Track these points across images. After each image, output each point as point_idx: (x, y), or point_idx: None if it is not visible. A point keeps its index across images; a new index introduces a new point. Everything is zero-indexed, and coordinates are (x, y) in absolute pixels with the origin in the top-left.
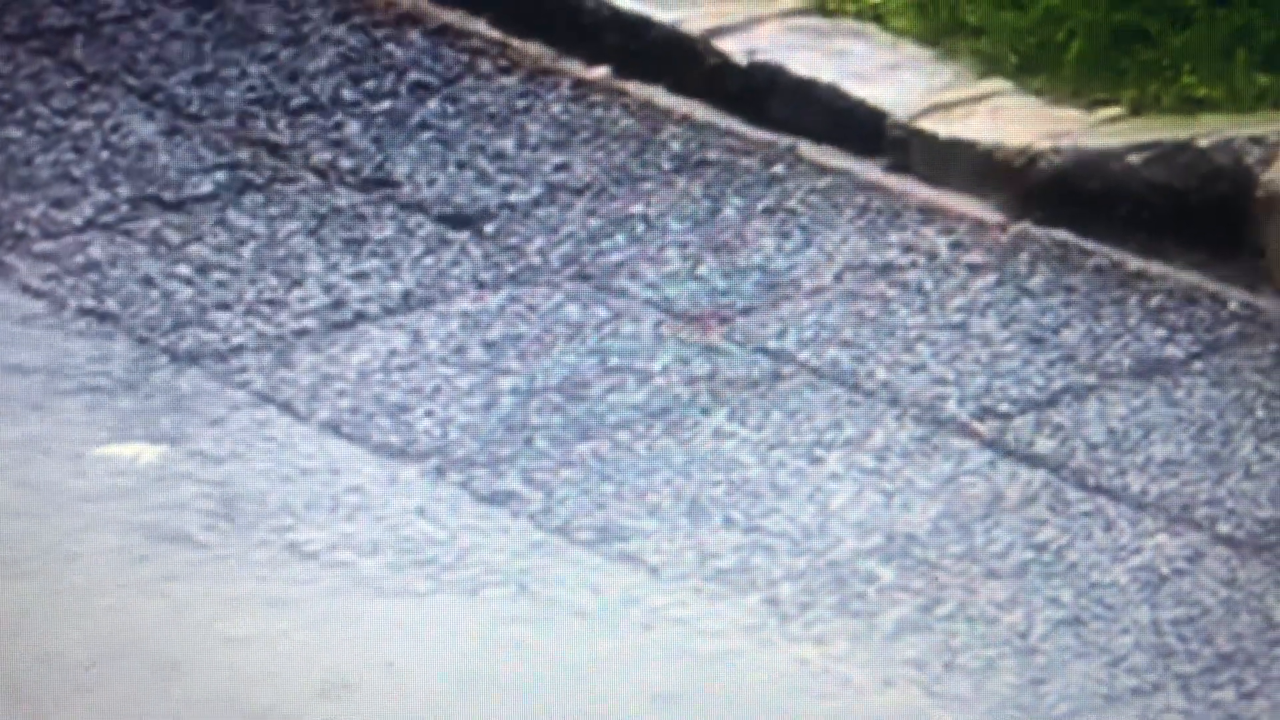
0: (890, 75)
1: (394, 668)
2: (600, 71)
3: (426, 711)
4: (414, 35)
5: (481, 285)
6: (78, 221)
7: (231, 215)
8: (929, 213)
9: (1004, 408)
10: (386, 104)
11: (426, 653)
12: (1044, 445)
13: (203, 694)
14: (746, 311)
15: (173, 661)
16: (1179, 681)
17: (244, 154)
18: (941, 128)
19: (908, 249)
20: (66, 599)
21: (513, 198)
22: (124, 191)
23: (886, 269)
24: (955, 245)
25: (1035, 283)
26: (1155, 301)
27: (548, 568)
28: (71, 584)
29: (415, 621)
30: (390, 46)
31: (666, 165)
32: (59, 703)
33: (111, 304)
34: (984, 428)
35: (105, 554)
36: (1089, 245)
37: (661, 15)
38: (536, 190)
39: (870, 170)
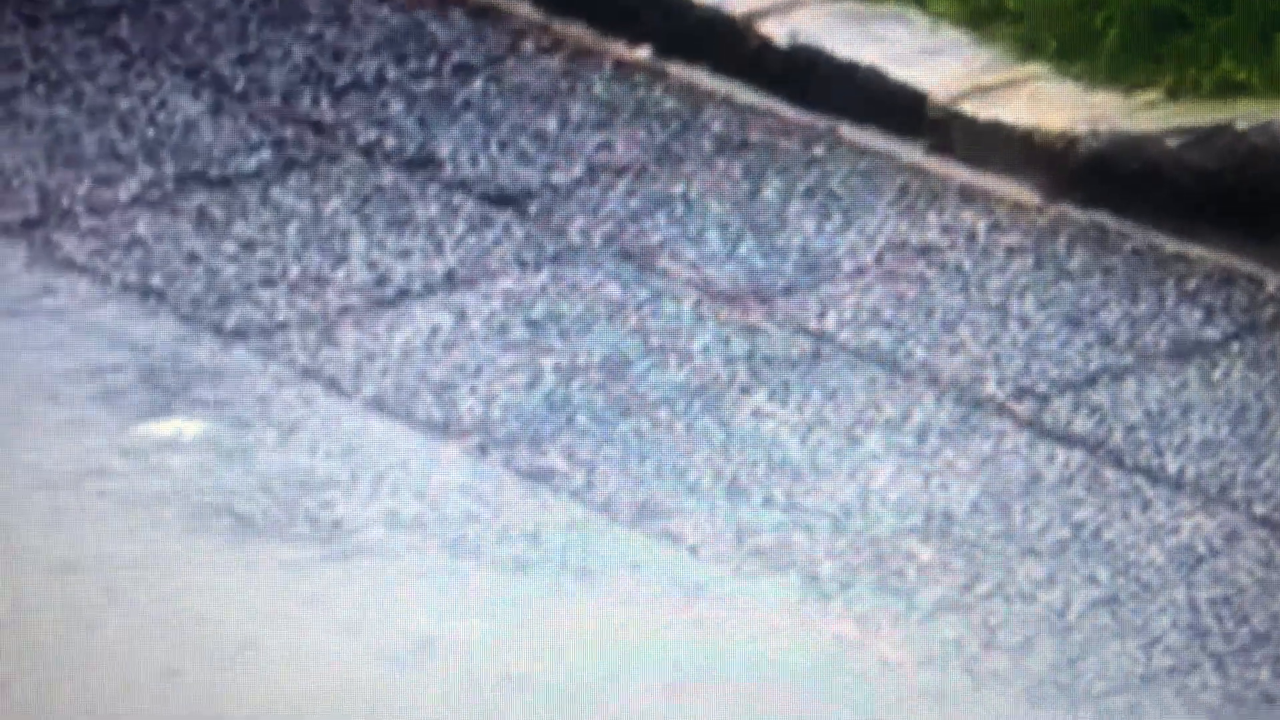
0: (930, 58)
1: (436, 643)
2: (642, 52)
3: (469, 686)
4: (457, 16)
5: (524, 264)
6: (124, 198)
7: (276, 193)
8: (968, 194)
9: (1042, 388)
10: (430, 84)
11: (469, 628)
12: (1082, 425)
13: (250, 665)
14: (787, 292)
15: (218, 636)
16: (1214, 660)
17: (289, 132)
18: (981, 110)
19: (947, 230)
20: (109, 574)
21: (555, 177)
22: (169, 169)
23: (926, 250)
24: (994, 227)
25: (1073, 264)
26: (1192, 284)
27: (588, 545)
28: (115, 559)
29: (457, 597)
30: (434, 27)
31: (708, 146)
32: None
33: (157, 280)
34: (1022, 408)
35: (149, 528)
36: (1127, 228)
37: None
38: (578, 170)
39: (910, 152)
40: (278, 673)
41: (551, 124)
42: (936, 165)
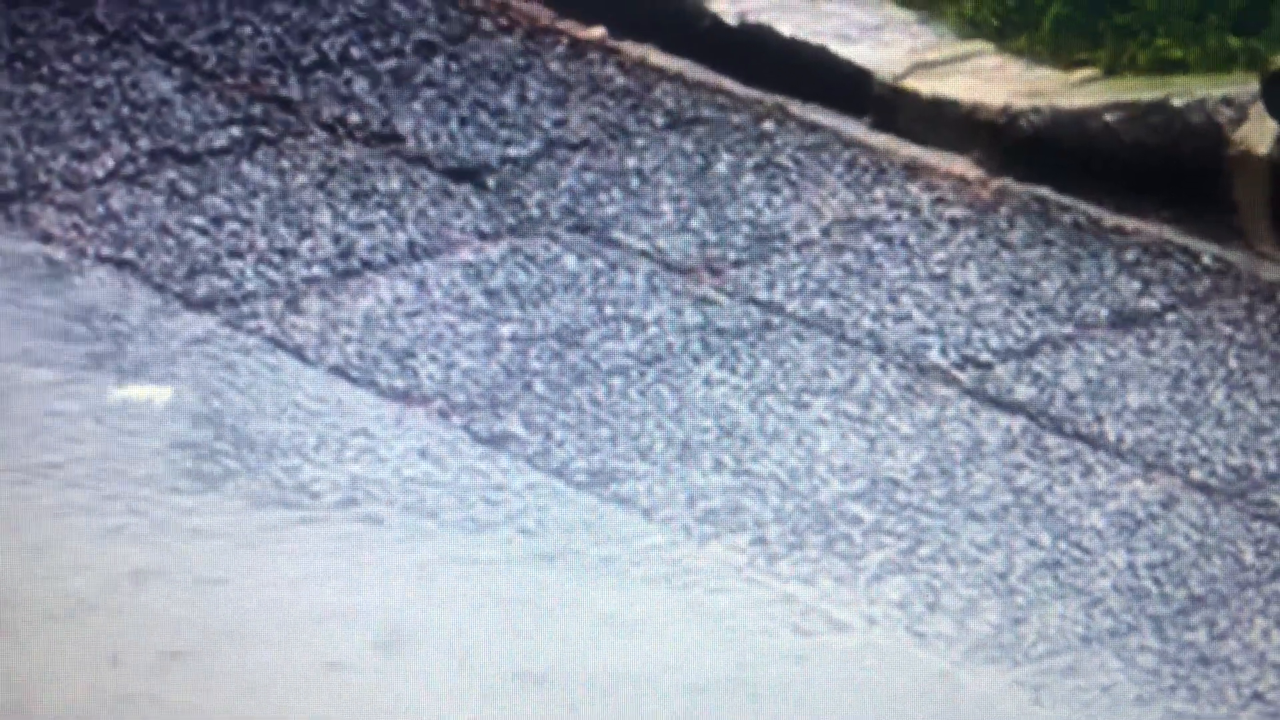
0: (875, 36)
1: (396, 603)
2: (596, 31)
3: (431, 647)
4: None
5: (483, 236)
6: (98, 173)
7: (245, 168)
8: (913, 169)
9: (985, 357)
10: (393, 62)
11: (429, 588)
12: (1024, 393)
13: (213, 624)
14: (737, 264)
15: (185, 595)
16: (1153, 623)
17: (257, 110)
18: (925, 87)
19: (892, 204)
20: (80, 538)
21: (513, 152)
22: (143, 145)
23: (872, 223)
24: (938, 200)
25: (1015, 236)
26: (1131, 255)
27: (545, 508)
28: (87, 522)
29: (418, 559)
30: (397, 6)
31: (660, 122)
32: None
33: (130, 252)
34: (965, 376)
35: (122, 491)
36: (1067, 201)
37: None
38: (536, 145)
39: (856, 128)
40: (240, 624)
41: (509, 100)
42: (882, 141)
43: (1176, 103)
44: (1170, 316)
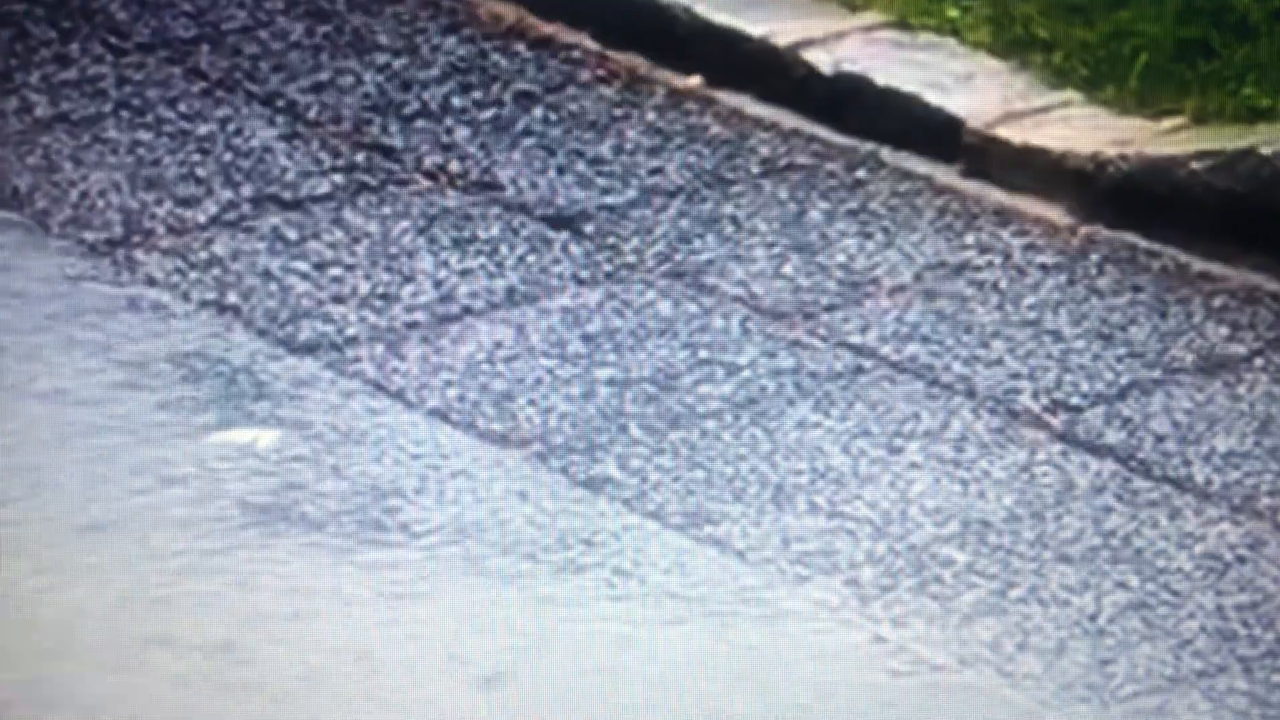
0: (967, 85)
1: (497, 644)
2: (693, 81)
3: (531, 686)
4: (519, 46)
5: (580, 282)
6: (202, 219)
7: (347, 214)
8: (1003, 215)
9: (1075, 401)
10: (493, 111)
11: (527, 629)
12: (1113, 437)
13: (324, 662)
14: (830, 308)
15: (291, 634)
16: (1242, 664)
17: (359, 157)
18: (1015, 135)
19: (983, 250)
20: (187, 579)
21: (610, 200)
22: (246, 191)
23: (963, 269)
24: (1028, 247)
25: (1104, 282)
26: (1218, 301)
27: (641, 549)
28: (191, 563)
29: (516, 599)
30: (497, 57)
31: (755, 169)
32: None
33: (233, 297)
34: (1056, 420)
35: (226, 532)
36: (1155, 247)
37: (752, 29)
38: (632, 193)
39: (947, 175)
40: (348, 668)
41: (607, 149)
42: (972, 188)
43: (1264, 150)
44: (1257, 361)
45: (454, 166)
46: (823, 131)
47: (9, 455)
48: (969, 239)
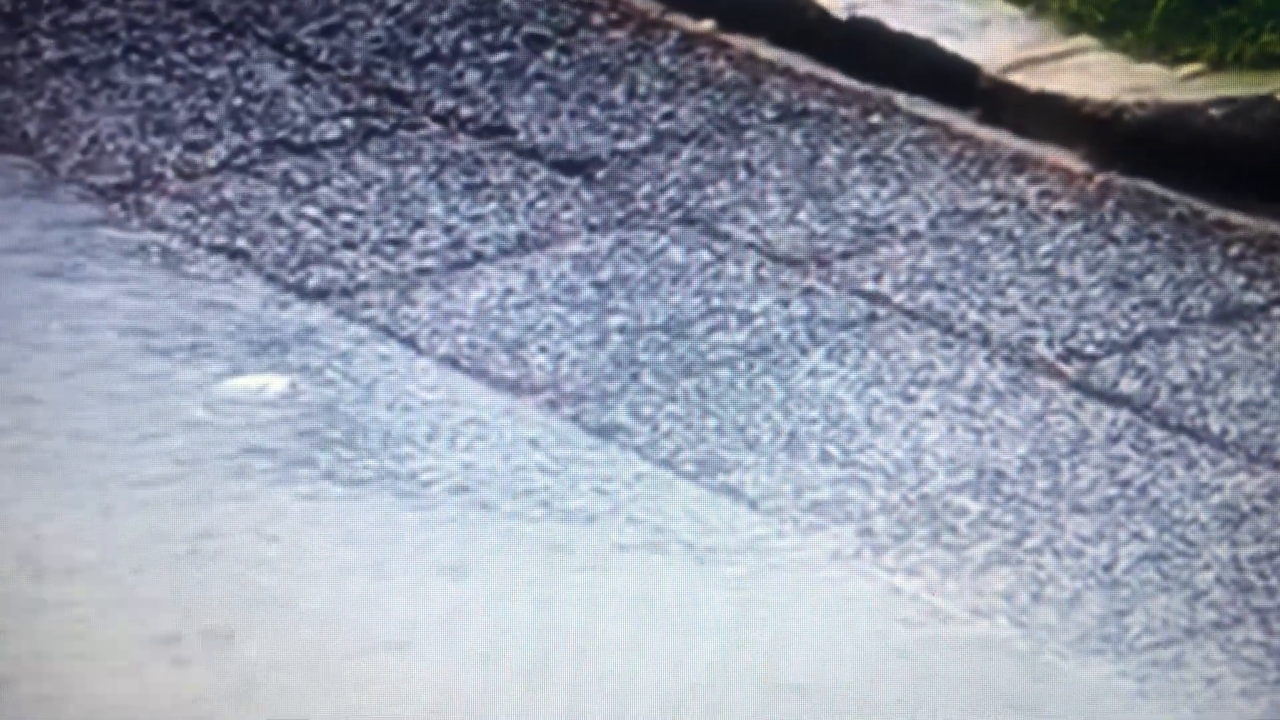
0: (982, 31)
1: (506, 590)
2: (706, 25)
3: (539, 626)
4: None
5: (592, 228)
6: (212, 164)
7: (357, 159)
8: (1019, 162)
9: (1090, 350)
10: (504, 55)
11: (539, 575)
12: (1128, 386)
13: (322, 613)
14: (844, 255)
15: (298, 586)
16: (1258, 615)
17: (369, 102)
18: (1031, 81)
19: (998, 197)
20: (197, 522)
21: (622, 145)
22: (255, 136)
23: (978, 216)
24: (1044, 194)
25: (1120, 230)
26: (1235, 250)
27: (652, 497)
28: (202, 508)
29: (528, 546)
30: (508, 0)
31: (768, 115)
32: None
33: (243, 242)
34: (1071, 369)
35: (235, 478)
36: (1171, 195)
37: None
38: (645, 138)
39: (962, 121)
40: (358, 615)
41: (619, 94)
42: (988, 134)
43: None
44: (1275, 310)
45: (465, 111)
46: (837, 76)
47: (19, 404)
48: (984, 186)
